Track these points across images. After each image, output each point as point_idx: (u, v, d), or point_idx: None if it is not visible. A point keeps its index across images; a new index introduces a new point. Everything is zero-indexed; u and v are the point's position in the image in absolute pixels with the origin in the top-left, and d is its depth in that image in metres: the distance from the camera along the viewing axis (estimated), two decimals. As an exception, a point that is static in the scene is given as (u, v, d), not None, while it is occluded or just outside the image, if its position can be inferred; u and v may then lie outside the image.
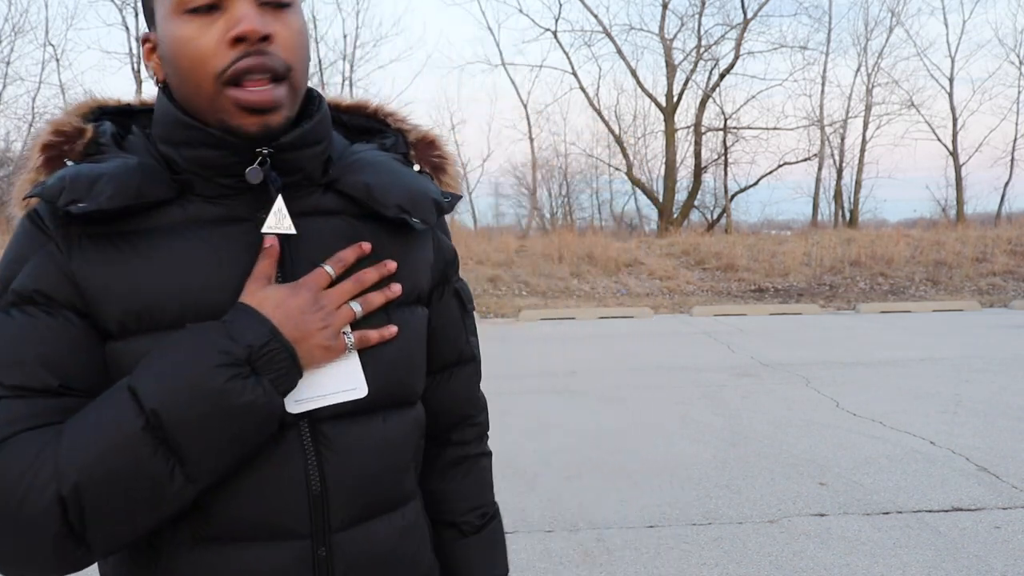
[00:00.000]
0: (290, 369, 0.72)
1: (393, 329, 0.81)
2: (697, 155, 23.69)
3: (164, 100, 0.77)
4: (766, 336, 9.69)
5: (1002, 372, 6.89)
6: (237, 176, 0.76)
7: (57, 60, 28.59)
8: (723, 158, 24.23)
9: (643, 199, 26.40)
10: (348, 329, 0.77)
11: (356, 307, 0.77)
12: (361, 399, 0.77)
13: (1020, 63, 24.80)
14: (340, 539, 0.78)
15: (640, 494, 3.89)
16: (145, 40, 0.78)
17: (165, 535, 0.74)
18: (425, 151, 0.90)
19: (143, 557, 0.76)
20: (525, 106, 26.75)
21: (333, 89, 23.89)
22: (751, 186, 24.71)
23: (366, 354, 0.78)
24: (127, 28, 22.62)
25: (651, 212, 26.42)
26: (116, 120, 0.83)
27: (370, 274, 0.79)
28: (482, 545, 0.96)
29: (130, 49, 22.46)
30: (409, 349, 0.83)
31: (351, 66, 24.51)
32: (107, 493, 0.65)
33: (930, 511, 3.59)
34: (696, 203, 24.85)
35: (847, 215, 24.80)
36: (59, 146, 0.77)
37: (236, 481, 0.73)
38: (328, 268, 0.77)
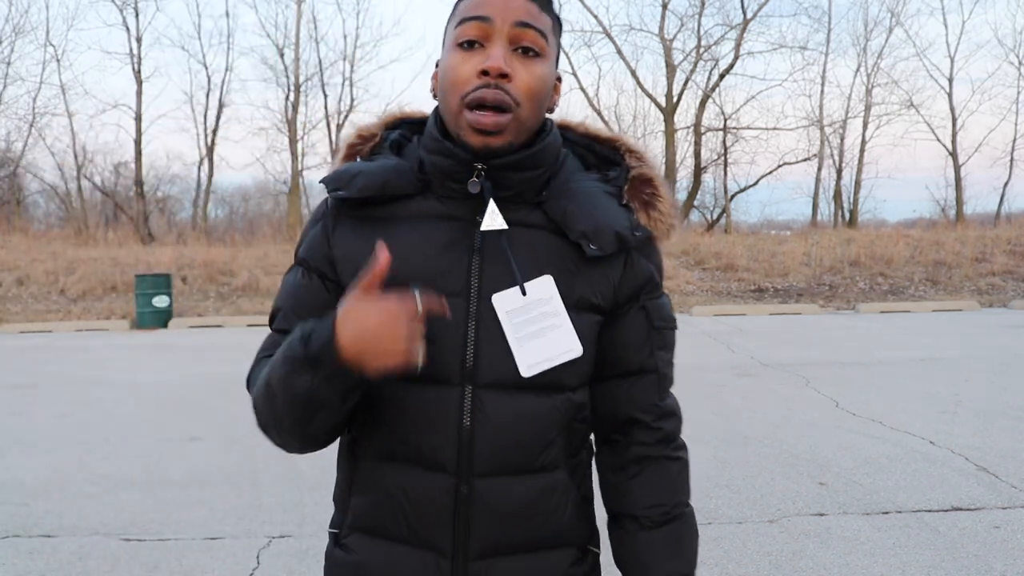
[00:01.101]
0: (343, 372, 0.86)
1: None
2: (697, 155, 23.69)
3: (432, 115, 1.01)
4: (766, 336, 9.70)
5: (1002, 372, 6.90)
6: (461, 183, 0.96)
7: (58, 60, 28.57)
8: (723, 158, 24.24)
9: (643, 199, 26.36)
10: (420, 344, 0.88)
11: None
12: (518, 379, 0.95)
13: (1019, 63, 24.79)
14: (481, 483, 0.96)
15: (640, 494, 3.89)
16: (437, 64, 1.01)
17: (360, 450, 1.01)
18: (639, 188, 1.03)
19: (349, 463, 1.04)
20: (525, 106, 26.74)
21: (334, 90, 23.87)
22: (751, 186, 24.72)
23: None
24: (127, 28, 22.60)
25: (651, 212, 26.37)
26: (414, 128, 1.07)
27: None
28: (662, 541, 1.04)
29: (130, 49, 22.45)
30: None
31: (351, 66, 24.47)
32: (262, 415, 0.95)
33: (930, 511, 3.60)
34: (696, 203, 24.86)
35: (847, 215, 24.80)
36: (357, 146, 1.04)
37: (411, 419, 0.96)
38: (419, 302, 0.86)
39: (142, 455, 4.75)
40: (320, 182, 1.01)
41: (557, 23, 0.99)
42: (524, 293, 0.94)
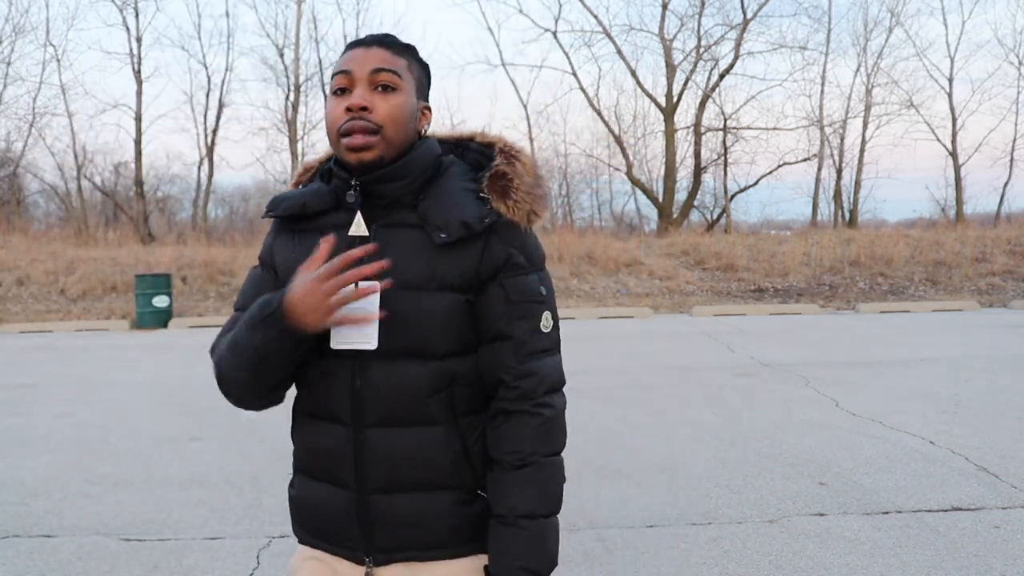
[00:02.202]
0: (290, 327, 1.12)
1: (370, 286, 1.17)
2: (697, 155, 23.66)
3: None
4: (766, 336, 9.70)
5: (1002, 372, 6.90)
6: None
7: (58, 60, 28.55)
8: (723, 158, 24.21)
9: (643, 199, 26.39)
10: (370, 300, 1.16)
11: (347, 290, 1.13)
12: (375, 349, 1.17)
13: (1019, 63, 24.77)
14: (370, 433, 1.19)
15: (640, 494, 3.89)
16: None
17: (295, 408, 1.29)
18: (495, 181, 1.23)
19: (292, 419, 1.30)
20: (525, 106, 26.70)
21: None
22: (751, 186, 24.69)
23: (389, 321, 1.17)
24: (127, 28, 22.58)
25: (651, 212, 26.40)
26: None
27: (367, 269, 1.12)
28: (514, 481, 1.20)
29: (130, 50, 22.44)
30: (424, 320, 1.18)
31: (351, 66, 24.41)
32: (226, 371, 1.22)
33: (930, 511, 3.60)
34: (696, 203, 24.84)
35: (847, 215, 24.78)
36: (302, 175, 1.38)
37: (319, 382, 1.22)
38: (334, 262, 1.11)
39: (142, 455, 4.75)
40: (266, 207, 1.32)
41: (415, 61, 1.26)
42: (356, 287, 1.14)
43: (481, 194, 1.22)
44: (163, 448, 4.89)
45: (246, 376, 1.19)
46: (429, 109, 1.29)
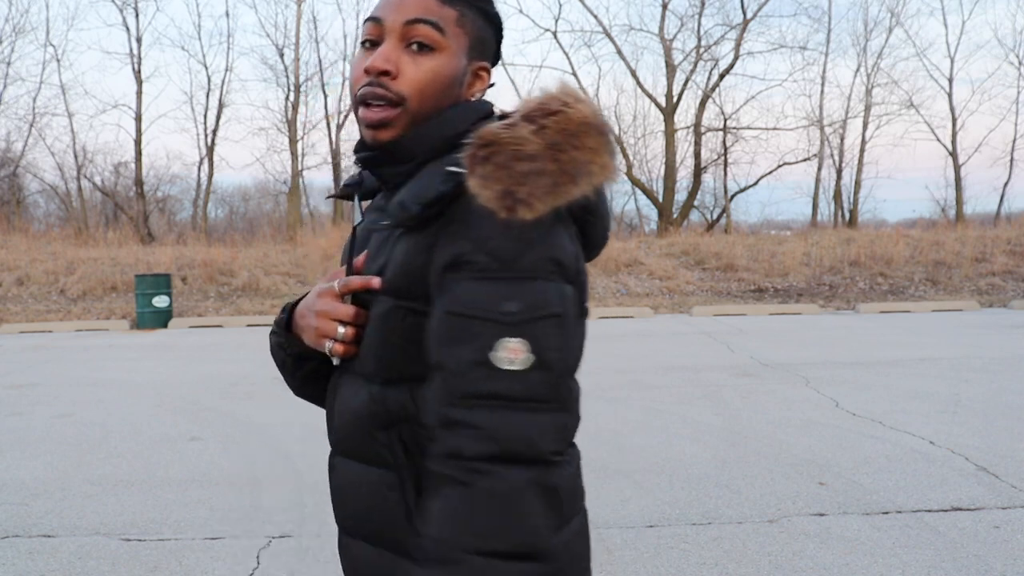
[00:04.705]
0: (289, 339, 1.06)
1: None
2: (697, 155, 23.67)
3: None
4: (766, 336, 9.70)
5: (1001, 372, 6.90)
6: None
7: (58, 60, 28.62)
8: (723, 158, 24.22)
9: (643, 199, 26.39)
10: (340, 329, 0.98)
11: (340, 329, 0.96)
12: (352, 365, 0.98)
13: (1019, 63, 24.80)
14: (337, 460, 1.02)
15: (640, 494, 3.89)
16: None
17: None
18: (477, 149, 0.85)
19: None
20: (525, 106, 26.69)
21: (334, 90, 23.86)
22: (751, 186, 24.70)
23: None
24: (127, 28, 22.61)
25: (651, 212, 26.42)
26: None
27: (355, 283, 0.96)
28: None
29: (130, 49, 22.46)
30: (370, 330, 0.95)
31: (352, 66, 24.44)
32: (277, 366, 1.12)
33: (929, 511, 3.60)
34: (696, 203, 24.85)
35: (847, 215, 24.78)
36: None
37: (323, 395, 1.10)
38: (336, 285, 0.98)
39: (142, 455, 4.75)
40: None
41: (473, 11, 0.97)
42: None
43: (452, 167, 0.87)
44: (163, 448, 4.89)
45: (280, 371, 1.13)
46: (487, 71, 1.00)
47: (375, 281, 0.93)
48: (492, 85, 1.02)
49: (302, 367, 1.07)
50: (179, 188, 28.25)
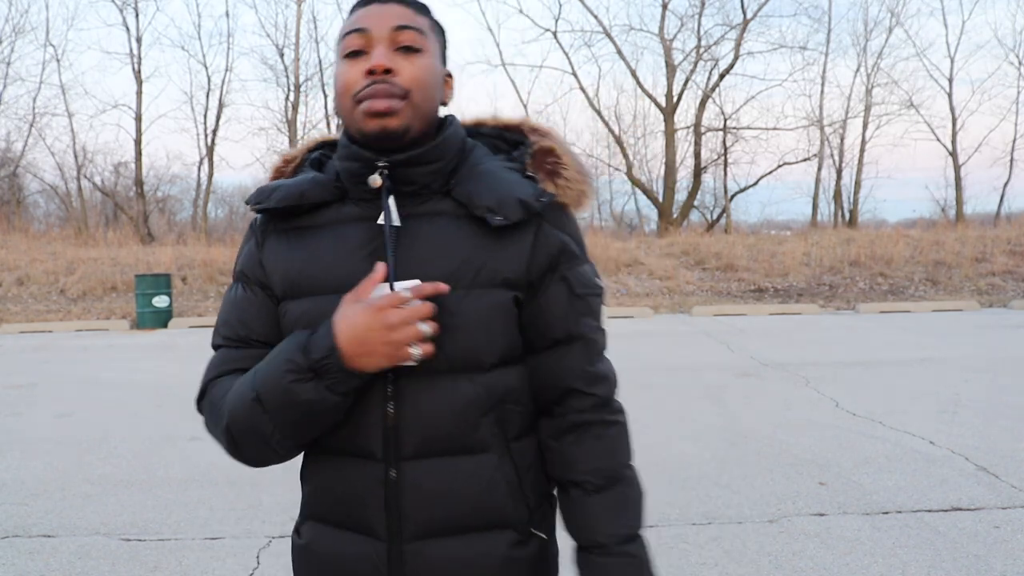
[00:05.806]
0: (345, 377, 0.94)
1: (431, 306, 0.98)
2: (697, 155, 23.68)
3: (342, 130, 1.07)
4: (766, 336, 9.70)
5: (1002, 372, 6.90)
6: (367, 184, 1.02)
7: (58, 60, 28.64)
8: (723, 158, 24.23)
9: (643, 199, 26.41)
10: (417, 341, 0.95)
11: (424, 328, 0.94)
12: (426, 363, 0.97)
13: (1019, 63, 24.84)
14: (408, 467, 1.00)
15: (640, 494, 3.89)
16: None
17: (309, 447, 1.06)
18: (541, 159, 1.07)
19: (303, 458, 1.09)
20: (525, 107, 26.71)
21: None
22: (751, 186, 24.71)
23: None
24: (127, 28, 22.62)
25: (651, 212, 26.43)
26: (334, 148, 1.11)
27: (427, 289, 0.96)
28: (605, 504, 1.05)
29: (130, 50, 22.47)
30: (471, 325, 0.99)
31: (351, 66, 24.45)
32: (242, 433, 0.99)
33: (929, 511, 3.60)
34: (696, 203, 24.85)
35: (847, 215, 24.79)
36: (281, 168, 1.16)
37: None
38: (405, 292, 0.94)
39: (142, 455, 4.75)
40: (245, 202, 1.12)
41: (436, 25, 1.07)
42: (392, 291, 0.97)
43: (527, 173, 1.05)
44: (163, 448, 4.89)
45: (282, 438, 0.98)
46: (451, 76, 1.11)
47: (443, 287, 0.97)
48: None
49: (349, 400, 0.98)
50: (179, 188, 28.27)
